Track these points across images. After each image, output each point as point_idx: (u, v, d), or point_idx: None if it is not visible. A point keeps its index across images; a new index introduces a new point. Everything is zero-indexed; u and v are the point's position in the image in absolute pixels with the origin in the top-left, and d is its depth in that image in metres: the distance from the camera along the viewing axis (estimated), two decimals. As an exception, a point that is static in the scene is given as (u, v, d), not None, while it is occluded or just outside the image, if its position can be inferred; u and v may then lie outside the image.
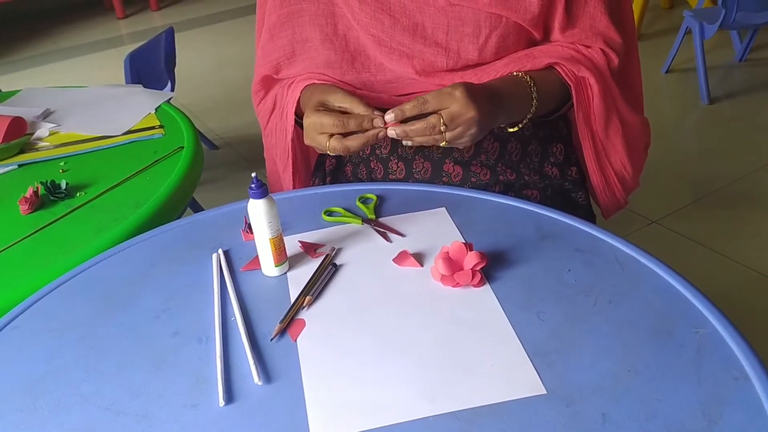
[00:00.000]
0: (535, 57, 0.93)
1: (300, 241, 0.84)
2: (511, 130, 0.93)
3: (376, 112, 0.83)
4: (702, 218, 2.13)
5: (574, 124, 1.05)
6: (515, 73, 0.92)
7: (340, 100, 0.86)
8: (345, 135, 0.84)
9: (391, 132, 0.82)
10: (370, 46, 0.94)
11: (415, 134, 0.82)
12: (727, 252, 1.95)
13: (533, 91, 0.91)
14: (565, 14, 0.93)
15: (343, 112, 0.85)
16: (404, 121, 0.82)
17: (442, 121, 0.80)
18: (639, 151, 1.07)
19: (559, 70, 0.93)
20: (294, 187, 1.08)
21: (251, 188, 0.74)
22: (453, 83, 0.82)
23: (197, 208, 1.93)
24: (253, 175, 0.75)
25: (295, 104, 0.97)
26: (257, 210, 0.75)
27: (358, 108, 0.84)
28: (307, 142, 0.88)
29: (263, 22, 1.01)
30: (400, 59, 0.93)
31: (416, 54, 0.93)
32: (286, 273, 0.79)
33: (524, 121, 0.92)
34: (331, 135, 0.84)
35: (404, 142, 0.84)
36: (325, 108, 0.86)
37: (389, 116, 0.82)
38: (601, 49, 0.95)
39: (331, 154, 0.88)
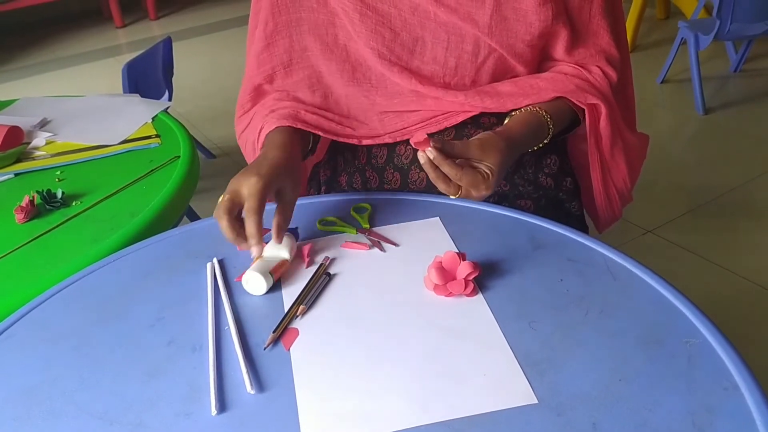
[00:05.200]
0: (541, 89, 0.94)
1: (294, 251, 0.85)
2: None
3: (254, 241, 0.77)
4: (697, 228, 2.14)
5: (572, 136, 1.06)
6: (537, 111, 0.92)
7: (248, 198, 0.78)
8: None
9: (429, 154, 0.79)
10: (371, 58, 0.94)
11: (437, 177, 0.81)
12: (721, 262, 1.96)
13: (549, 133, 0.93)
14: (570, 35, 0.93)
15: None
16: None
17: (460, 192, 0.83)
18: (638, 166, 1.08)
19: (569, 101, 0.94)
20: None
21: None
22: (488, 155, 0.82)
23: (194, 218, 1.93)
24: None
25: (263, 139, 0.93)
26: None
27: (249, 225, 0.77)
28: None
29: (255, 31, 1.02)
30: (401, 73, 0.94)
31: (414, 69, 0.94)
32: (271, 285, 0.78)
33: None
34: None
35: (419, 156, 0.81)
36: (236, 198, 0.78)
37: (427, 154, 0.80)
38: (600, 69, 0.96)
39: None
